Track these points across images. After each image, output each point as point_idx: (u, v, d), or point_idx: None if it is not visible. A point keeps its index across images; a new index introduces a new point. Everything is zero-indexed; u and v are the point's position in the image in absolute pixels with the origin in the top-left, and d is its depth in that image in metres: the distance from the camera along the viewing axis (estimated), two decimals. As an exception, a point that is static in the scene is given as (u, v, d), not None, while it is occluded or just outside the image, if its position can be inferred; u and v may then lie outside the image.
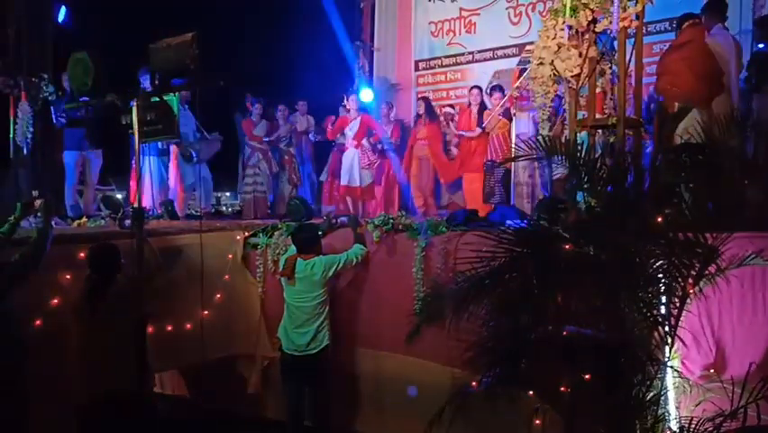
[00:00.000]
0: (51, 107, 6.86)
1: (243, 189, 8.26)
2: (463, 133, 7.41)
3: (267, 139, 8.11)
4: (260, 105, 8.16)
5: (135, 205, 3.81)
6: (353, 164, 7.79)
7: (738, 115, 4.04)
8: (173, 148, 7.34)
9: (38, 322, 4.16)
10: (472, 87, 7.61)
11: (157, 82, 3.66)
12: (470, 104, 7.49)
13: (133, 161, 7.02)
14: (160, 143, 6.87)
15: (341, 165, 7.98)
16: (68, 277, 4.35)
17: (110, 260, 4.00)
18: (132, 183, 6.54)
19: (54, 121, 6.82)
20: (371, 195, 7.93)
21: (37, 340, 3.97)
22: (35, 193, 4.60)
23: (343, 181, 7.87)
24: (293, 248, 5.00)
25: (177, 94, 4.12)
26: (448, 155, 7.81)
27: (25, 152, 6.89)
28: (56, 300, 4.26)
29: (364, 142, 7.80)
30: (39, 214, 4.14)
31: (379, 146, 7.88)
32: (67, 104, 6.22)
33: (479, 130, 7.16)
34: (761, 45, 5.98)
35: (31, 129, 6.81)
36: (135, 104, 3.63)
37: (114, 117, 3.72)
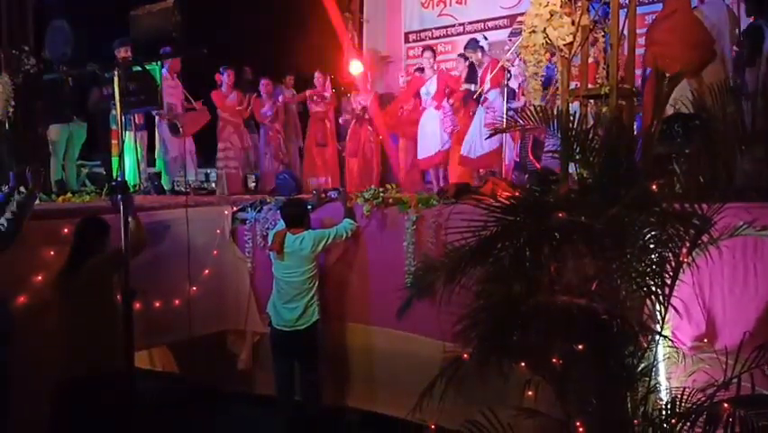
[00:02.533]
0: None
1: (216, 165, 7.88)
2: None
3: (239, 108, 7.73)
4: (231, 73, 7.78)
5: (119, 179, 3.73)
6: (435, 130, 6.91)
7: (732, 83, 3.99)
8: (157, 120, 7.19)
9: (21, 299, 4.09)
10: (460, 55, 7.46)
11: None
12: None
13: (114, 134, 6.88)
14: (135, 116, 6.68)
15: (321, 134, 7.60)
16: (52, 253, 4.26)
17: (93, 234, 3.94)
18: (116, 157, 6.41)
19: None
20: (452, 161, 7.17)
21: (20, 317, 3.91)
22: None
23: (424, 153, 7.00)
24: (282, 223, 4.94)
25: (159, 63, 4.01)
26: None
27: (7, 126, 6.74)
28: (39, 277, 4.19)
29: (445, 102, 6.93)
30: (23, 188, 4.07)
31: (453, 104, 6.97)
32: (46, 74, 6.05)
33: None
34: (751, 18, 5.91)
35: (12, 103, 6.64)
36: (116, 74, 3.53)
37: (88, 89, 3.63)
